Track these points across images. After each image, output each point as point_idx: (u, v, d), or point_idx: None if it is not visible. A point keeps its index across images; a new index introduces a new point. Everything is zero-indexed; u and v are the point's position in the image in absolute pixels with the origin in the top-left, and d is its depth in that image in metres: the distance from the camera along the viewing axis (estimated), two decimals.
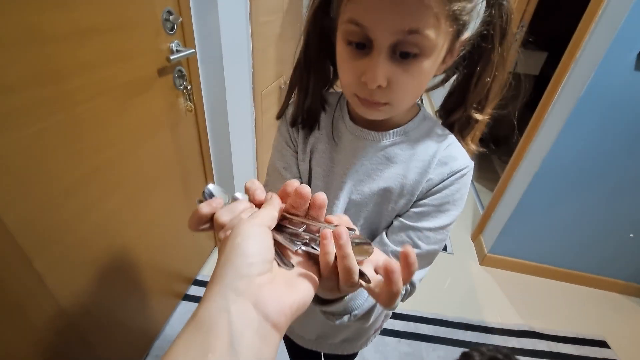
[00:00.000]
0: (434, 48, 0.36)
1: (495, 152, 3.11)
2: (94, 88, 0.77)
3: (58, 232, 0.75)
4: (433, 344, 1.38)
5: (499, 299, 1.64)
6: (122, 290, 1.05)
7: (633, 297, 1.74)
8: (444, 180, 0.48)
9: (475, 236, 1.95)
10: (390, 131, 0.50)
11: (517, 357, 0.81)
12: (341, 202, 0.53)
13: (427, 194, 0.49)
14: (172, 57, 0.95)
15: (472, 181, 0.51)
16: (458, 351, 1.34)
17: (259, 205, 0.34)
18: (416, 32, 0.34)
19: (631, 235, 1.55)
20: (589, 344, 1.47)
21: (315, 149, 0.55)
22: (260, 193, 0.35)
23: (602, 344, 1.47)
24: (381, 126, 0.50)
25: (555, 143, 1.40)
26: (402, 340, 1.38)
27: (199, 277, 1.53)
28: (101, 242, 0.90)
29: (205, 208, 0.33)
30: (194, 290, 1.47)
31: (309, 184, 0.57)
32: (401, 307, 1.50)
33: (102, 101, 0.79)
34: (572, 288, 1.75)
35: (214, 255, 1.66)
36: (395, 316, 1.47)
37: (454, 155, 0.49)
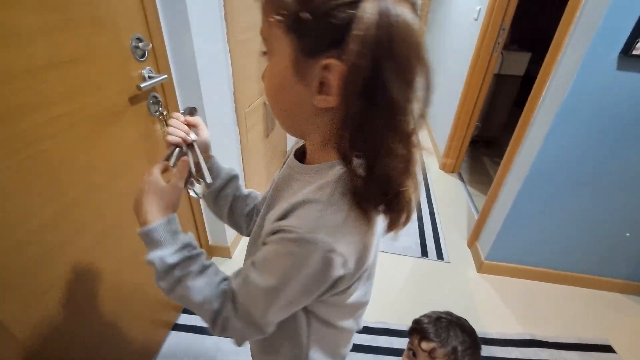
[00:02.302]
0: (272, 50, 0.38)
1: (487, 153, 3.10)
2: (58, 124, 0.73)
3: (21, 277, 0.71)
4: None
5: (498, 307, 1.60)
6: (104, 327, 1.00)
7: (633, 296, 1.71)
8: (269, 235, 0.40)
9: (472, 242, 1.92)
10: (293, 164, 0.47)
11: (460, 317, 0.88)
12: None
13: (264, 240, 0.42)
14: (142, 85, 0.92)
15: (465, 185, 0.45)
16: None
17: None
18: (261, 31, 0.39)
19: (627, 234, 1.53)
20: (593, 349, 1.43)
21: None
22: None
23: (607, 349, 1.43)
24: (304, 159, 0.47)
25: (544, 144, 1.39)
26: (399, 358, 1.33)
27: None
28: (76, 281, 0.85)
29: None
30: (185, 319, 1.41)
31: None
32: (398, 323, 1.46)
33: (67, 137, 0.76)
34: (572, 290, 1.72)
35: None
36: (392, 333, 1.42)
37: (293, 212, 0.39)
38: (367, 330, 1.43)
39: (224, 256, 1.74)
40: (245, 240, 1.88)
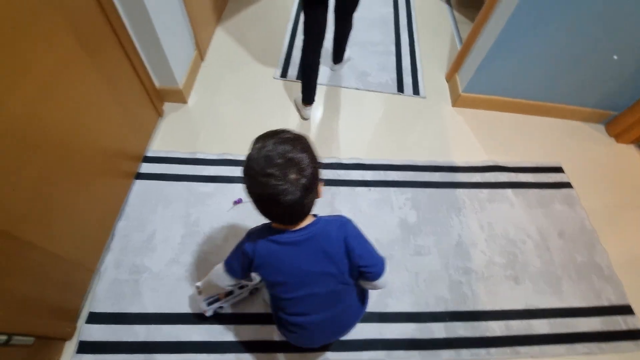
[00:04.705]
0: None
1: None
2: None
3: None
4: (402, 188, 1.41)
5: (467, 139, 1.63)
6: (66, 185, 0.93)
7: (594, 124, 1.78)
8: None
9: (451, 75, 1.78)
10: None
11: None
12: None
13: None
14: None
15: (451, 10, 0.29)
16: (425, 192, 1.39)
17: None
18: None
19: (615, 57, 1.43)
20: (546, 171, 1.55)
21: None
22: None
23: (557, 170, 1.56)
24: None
25: None
26: (372, 188, 1.39)
27: (149, 154, 1.37)
28: (24, 138, 0.69)
29: None
30: (147, 168, 1.33)
31: None
32: (372, 158, 1.47)
33: None
34: (539, 120, 1.74)
35: (160, 128, 1.46)
36: (365, 167, 1.44)
37: None
38: (341, 166, 1.44)
39: (178, 101, 1.54)
40: (205, 81, 1.64)
